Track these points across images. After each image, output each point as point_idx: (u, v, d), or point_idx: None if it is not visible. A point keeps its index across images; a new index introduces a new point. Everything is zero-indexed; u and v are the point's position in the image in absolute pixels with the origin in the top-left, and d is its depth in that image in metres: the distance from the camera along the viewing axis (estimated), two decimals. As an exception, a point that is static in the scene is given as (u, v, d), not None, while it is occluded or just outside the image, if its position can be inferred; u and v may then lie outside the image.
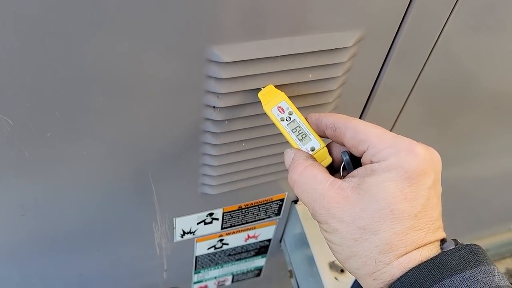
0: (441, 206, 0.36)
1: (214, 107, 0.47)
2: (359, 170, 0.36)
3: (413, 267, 0.32)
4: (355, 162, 0.38)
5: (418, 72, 0.54)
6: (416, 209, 0.33)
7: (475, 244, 0.34)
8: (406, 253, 0.33)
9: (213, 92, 0.45)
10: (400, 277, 0.32)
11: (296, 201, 0.70)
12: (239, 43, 0.41)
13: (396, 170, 0.33)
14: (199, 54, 0.41)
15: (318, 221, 0.36)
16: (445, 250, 0.33)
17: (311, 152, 0.41)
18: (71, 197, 0.52)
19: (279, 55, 0.43)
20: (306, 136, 0.42)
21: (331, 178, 0.36)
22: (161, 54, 0.40)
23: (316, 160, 0.40)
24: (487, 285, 0.31)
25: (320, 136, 0.42)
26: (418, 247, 0.33)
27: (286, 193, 0.67)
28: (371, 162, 0.35)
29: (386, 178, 0.33)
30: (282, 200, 0.67)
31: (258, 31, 0.41)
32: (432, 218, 0.34)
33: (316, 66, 0.46)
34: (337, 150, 0.41)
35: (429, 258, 0.32)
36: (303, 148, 0.42)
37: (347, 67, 0.49)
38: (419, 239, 0.33)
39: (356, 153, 0.37)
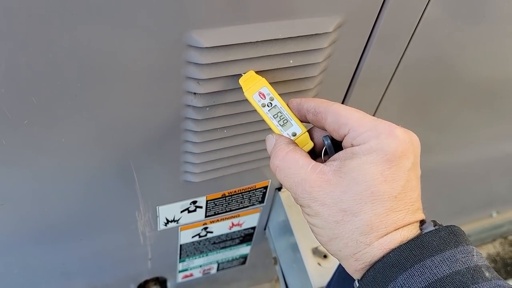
0: (420, 188, 0.36)
1: (194, 93, 0.46)
2: (340, 154, 0.36)
3: (395, 248, 0.33)
4: (336, 146, 0.39)
5: (399, 58, 0.55)
6: (396, 191, 0.34)
7: (454, 226, 0.34)
8: (387, 234, 0.33)
9: (193, 78, 0.44)
10: (382, 257, 0.33)
11: (279, 189, 0.70)
12: (218, 28, 0.41)
13: (376, 153, 0.34)
14: (178, 39, 0.41)
15: (300, 205, 0.37)
16: (425, 231, 0.34)
17: (292, 138, 0.41)
18: (51, 185, 0.52)
19: (259, 40, 0.43)
20: (287, 121, 0.42)
21: (313, 162, 0.36)
22: (139, 39, 0.39)
23: (298, 145, 0.40)
24: (466, 264, 0.31)
25: (301, 121, 0.42)
26: (398, 228, 0.34)
27: (270, 180, 0.67)
28: (352, 145, 0.35)
29: (367, 160, 0.34)
30: (265, 187, 0.68)
31: (238, 15, 0.41)
32: (412, 200, 0.34)
33: (297, 51, 0.46)
34: (318, 135, 0.42)
35: (409, 239, 0.33)
36: (285, 134, 0.42)
37: (328, 53, 0.49)
38: (399, 220, 0.34)
39: (337, 137, 0.37)
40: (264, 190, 0.68)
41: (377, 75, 0.56)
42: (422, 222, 0.35)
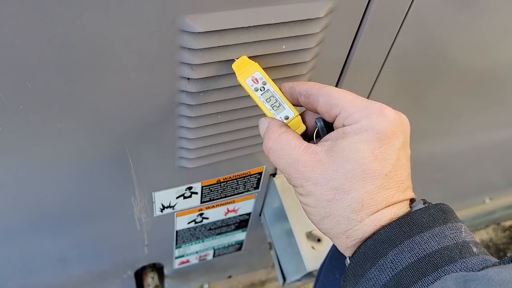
0: (410, 167, 0.37)
1: (188, 78, 0.47)
2: (331, 134, 0.37)
3: (385, 225, 0.34)
4: (328, 128, 0.39)
5: (391, 44, 0.55)
6: (386, 169, 0.34)
7: (443, 204, 0.35)
8: (377, 211, 0.34)
9: (187, 63, 0.45)
10: (373, 234, 0.34)
11: (274, 175, 0.71)
12: (211, 12, 0.41)
13: (367, 132, 0.34)
14: (171, 24, 0.41)
15: (293, 185, 0.38)
16: (414, 209, 0.35)
17: (285, 121, 0.42)
18: (47, 172, 0.52)
19: (251, 25, 0.44)
20: (280, 105, 0.43)
21: (305, 143, 0.37)
22: (133, 24, 0.40)
23: (290, 128, 0.41)
24: (454, 240, 0.32)
25: (293, 105, 0.43)
26: (388, 205, 0.34)
27: (264, 166, 0.68)
28: (343, 125, 0.36)
29: (358, 139, 0.34)
30: (260, 173, 0.68)
31: (231, 0, 0.42)
32: (402, 178, 0.35)
33: (289, 37, 0.46)
34: (310, 118, 0.42)
35: (399, 216, 0.34)
36: (278, 117, 0.42)
37: (320, 38, 0.49)
38: (389, 197, 0.34)
39: (328, 118, 0.38)
40: (259, 176, 0.69)
41: (369, 60, 0.57)
42: (412, 201, 0.36)
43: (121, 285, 0.80)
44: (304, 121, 0.43)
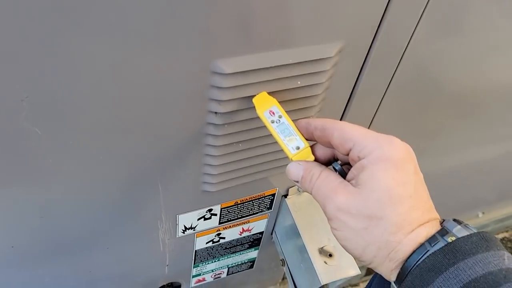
0: (427, 189, 0.40)
1: (216, 112, 0.53)
2: (353, 171, 0.40)
3: (430, 254, 0.35)
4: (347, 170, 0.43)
5: (391, 76, 0.62)
6: (409, 191, 0.37)
7: (485, 232, 0.36)
8: (412, 231, 0.36)
9: (215, 99, 0.51)
10: (418, 264, 0.35)
11: (285, 196, 0.76)
12: (238, 56, 0.48)
13: (382, 161, 0.38)
14: (205, 67, 0.47)
15: (328, 218, 0.41)
16: (458, 236, 0.36)
17: (296, 151, 0.47)
18: (85, 199, 0.57)
19: (272, 65, 0.50)
20: (292, 136, 0.48)
21: (340, 178, 0.41)
22: (176, 66, 0.46)
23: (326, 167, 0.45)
24: (498, 266, 0.34)
25: (307, 139, 0.47)
26: (421, 224, 0.37)
27: (277, 188, 0.73)
28: (359, 158, 0.40)
29: (376, 169, 0.38)
30: (273, 195, 0.74)
31: (254, 46, 0.48)
32: (425, 199, 0.38)
33: (304, 74, 0.53)
34: (320, 151, 0.46)
35: (433, 234, 0.36)
36: (289, 147, 0.47)
37: (330, 74, 0.56)
38: (419, 216, 0.37)
39: (342, 151, 0.42)
40: (272, 197, 0.74)
41: (372, 92, 0.63)
42: (441, 220, 0.39)
43: (141, 304, 0.84)
44: (313, 153, 0.47)
